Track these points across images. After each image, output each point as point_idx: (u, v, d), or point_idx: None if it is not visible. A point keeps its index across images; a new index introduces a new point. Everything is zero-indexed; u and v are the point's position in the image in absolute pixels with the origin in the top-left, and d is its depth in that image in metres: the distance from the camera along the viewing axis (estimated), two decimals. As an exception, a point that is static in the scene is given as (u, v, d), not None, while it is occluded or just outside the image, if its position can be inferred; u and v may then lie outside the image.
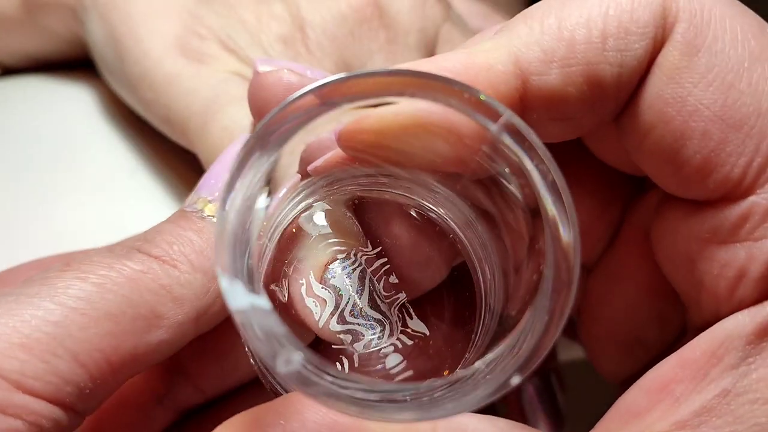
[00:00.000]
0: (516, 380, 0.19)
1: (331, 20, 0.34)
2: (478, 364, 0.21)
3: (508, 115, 0.20)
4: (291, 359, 0.18)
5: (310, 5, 0.34)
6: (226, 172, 0.26)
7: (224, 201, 0.19)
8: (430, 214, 0.26)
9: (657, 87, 0.22)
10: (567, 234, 0.20)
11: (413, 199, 0.25)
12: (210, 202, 0.25)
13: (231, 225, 0.19)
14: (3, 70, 0.42)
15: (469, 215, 0.25)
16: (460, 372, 0.21)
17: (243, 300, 0.19)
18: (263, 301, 0.19)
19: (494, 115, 0.20)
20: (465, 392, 0.20)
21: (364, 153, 0.23)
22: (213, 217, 0.25)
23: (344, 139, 0.23)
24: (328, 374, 0.19)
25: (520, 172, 0.20)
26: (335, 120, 0.21)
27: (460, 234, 0.25)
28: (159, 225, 0.25)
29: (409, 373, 0.25)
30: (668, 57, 0.22)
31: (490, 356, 0.21)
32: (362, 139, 0.22)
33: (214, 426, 0.22)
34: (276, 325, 0.19)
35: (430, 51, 0.36)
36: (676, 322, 0.27)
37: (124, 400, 0.27)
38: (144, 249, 0.24)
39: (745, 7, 0.23)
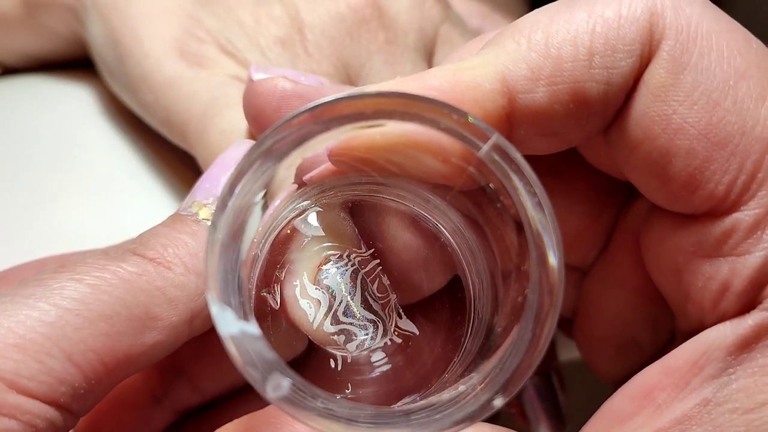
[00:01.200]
0: (499, 402, 0.20)
1: (329, 21, 0.34)
2: (462, 386, 0.21)
3: (495, 137, 0.20)
4: (280, 384, 0.19)
5: (309, 6, 0.34)
6: (222, 176, 0.26)
7: (216, 219, 0.19)
8: (423, 220, 0.26)
9: (643, 104, 0.22)
10: (552, 257, 0.20)
11: (406, 205, 0.26)
12: (205, 205, 0.25)
13: (223, 243, 0.20)
14: (3, 70, 0.42)
15: (459, 223, 0.25)
16: (447, 394, 0.21)
17: (233, 326, 0.19)
18: (253, 328, 0.20)
19: (482, 137, 0.20)
20: (452, 412, 0.20)
21: (355, 170, 0.24)
22: (208, 220, 0.25)
23: (335, 158, 0.23)
24: (317, 397, 0.20)
25: (506, 193, 0.21)
26: (333, 138, 0.21)
27: (451, 239, 0.26)
28: (154, 228, 0.25)
29: (399, 374, 0.25)
30: (654, 75, 0.22)
31: (476, 376, 0.21)
32: (352, 158, 0.23)
33: (213, 427, 0.22)
34: (265, 350, 0.19)
35: (429, 51, 0.36)
36: (669, 324, 0.27)
37: (122, 401, 0.27)
38: (139, 251, 0.24)
39: (733, 21, 0.23)
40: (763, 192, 0.22)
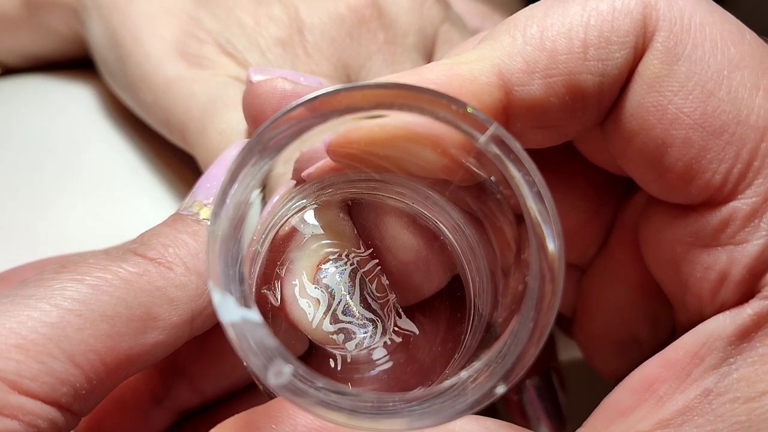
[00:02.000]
0: (501, 389, 0.20)
1: (329, 22, 0.34)
2: (464, 373, 0.21)
3: (494, 127, 0.20)
4: (282, 371, 0.19)
5: (309, 7, 0.34)
6: (222, 177, 0.26)
7: (217, 211, 0.19)
8: (423, 218, 0.26)
9: (638, 95, 0.22)
10: (552, 245, 0.20)
11: (405, 203, 0.26)
12: (205, 205, 0.25)
13: (224, 234, 0.19)
14: (4, 70, 0.42)
15: (458, 219, 0.25)
16: (447, 381, 0.21)
17: (234, 313, 0.19)
18: (254, 315, 0.19)
19: (481, 127, 0.20)
20: (453, 401, 0.20)
21: (353, 164, 0.24)
22: (208, 220, 0.25)
23: (333, 151, 0.23)
24: (319, 385, 0.20)
25: (506, 183, 0.21)
26: (330, 130, 0.21)
27: (451, 237, 0.26)
28: (155, 228, 0.25)
29: (399, 373, 0.25)
30: (649, 66, 0.22)
31: (476, 365, 0.21)
32: (350, 151, 0.23)
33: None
34: (266, 337, 0.19)
35: (429, 51, 0.36)
36: (669, 320, 0.27)
37: (123, 402, 0.27)
38: (140, 251, 0.24)
39: (726, 13, 0.23)
40: (759, 180, 0.22)
